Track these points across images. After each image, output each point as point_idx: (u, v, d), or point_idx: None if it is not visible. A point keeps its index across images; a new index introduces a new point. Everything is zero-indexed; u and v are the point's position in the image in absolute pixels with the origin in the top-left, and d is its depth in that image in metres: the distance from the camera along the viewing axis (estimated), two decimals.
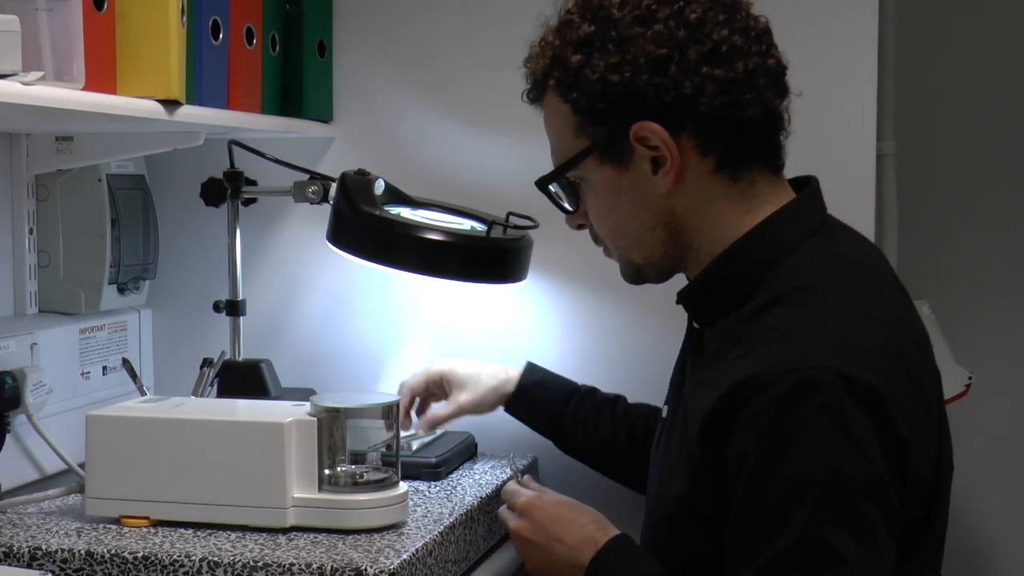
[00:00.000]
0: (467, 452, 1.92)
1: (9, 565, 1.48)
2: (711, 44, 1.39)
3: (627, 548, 1.49)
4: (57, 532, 1.55)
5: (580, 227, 1.56)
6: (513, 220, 1.82)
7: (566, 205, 1.53)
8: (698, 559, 1.41)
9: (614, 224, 1.49)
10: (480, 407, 1.86)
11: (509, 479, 1.71)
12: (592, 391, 1.86)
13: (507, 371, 1.87)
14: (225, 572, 1.43)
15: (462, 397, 1.85)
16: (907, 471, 1.32)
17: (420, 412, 1.90)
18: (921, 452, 1.34)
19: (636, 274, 1.54)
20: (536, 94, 1.52)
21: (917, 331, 1.43)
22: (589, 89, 1.41)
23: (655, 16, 1.40)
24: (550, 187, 1.52)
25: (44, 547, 1.49)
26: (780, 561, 1.28)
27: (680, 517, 1.43)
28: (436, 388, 1.88)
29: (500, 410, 1.88)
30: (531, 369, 1.87)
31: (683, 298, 1.51)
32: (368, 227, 1.79)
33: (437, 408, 1.89)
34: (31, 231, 1.90)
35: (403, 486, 1.59)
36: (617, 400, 1.85)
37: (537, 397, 1.85)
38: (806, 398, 1.28)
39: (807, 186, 1.49)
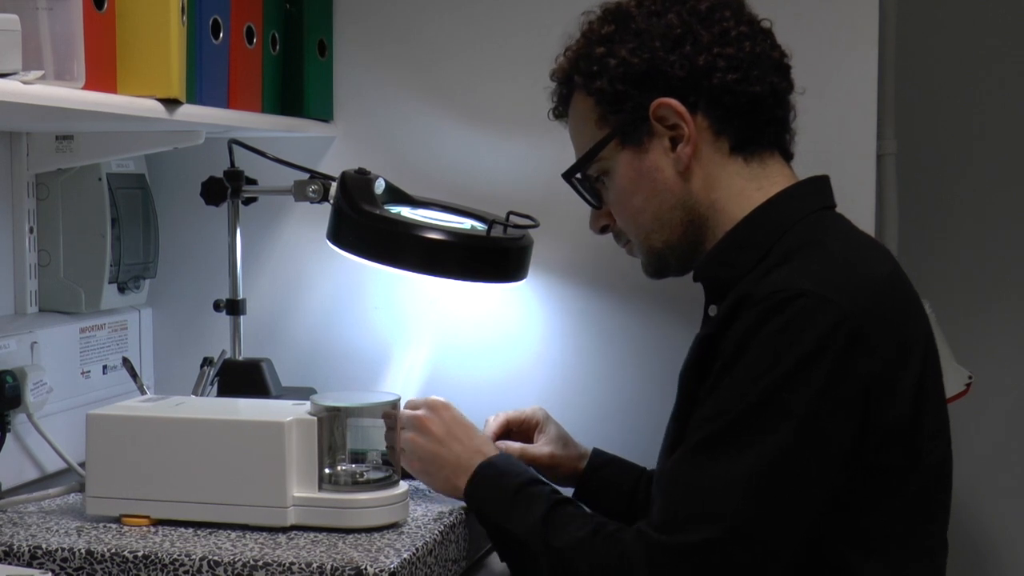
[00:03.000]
0: None
1: (9, 564, 1.48)
2: (720, 29, 1.51)
3: (511, 462, 1.62)
4: (57, 531, 1.55)
5: (603, 230, 1.63)
6: (513, 219, 1.82)
7: (591, 199, 1.61)
8: None
9: (635, 210, 1.56)
10: (559, 467, 1.79)
11: None
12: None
13: (583, 448, 1.82)
14: (225, 571, 1.43)
15: (547, 449, 1.79)
16: (872, 408, 1.38)
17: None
18: (893, 393, 1.39)
19: (658, 263, 1.59)
20: (563, 104, 1.62)
21: (908, 293, 1.50)
22: (611, 73, 1.52)
23: (669, 9, 1.52)
24: (576, 182, 1.60)
25: (44, 546, 1.49)
26: (704, 443, 1.38)
27: None
28: (524, 427, 1.83)
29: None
30: (598, 453, 1.83)
31: (699, 271, 1.57)
32: (368, 226, 1.79)
33: (528, 446, 1.81)
34: (31, 230, 1.90)
35: (403, 485, 1.59)
36: None
37: (609, 476, 1.80)
38: (784, 311, 1.36)
39: (816, 177, 1.58)
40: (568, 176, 1.60)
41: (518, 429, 1.82)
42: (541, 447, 1.79)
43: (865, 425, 1.38)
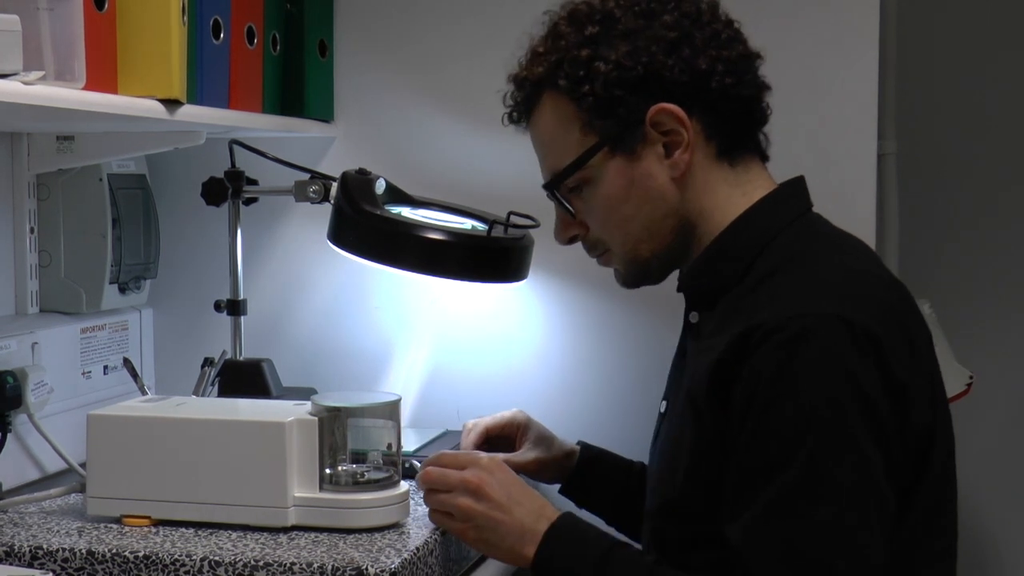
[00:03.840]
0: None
1: (10, 564, 1.48)
2: (711, 31, 1.47)
3: (580, 522, 1.50)
4: (58, 531, 1.55)
5: (572, 240, 1.57)
6: (514, 219, 1.81)
7: (569, 209, 1.54)
8: (700, 535, 1.42)
9: (622, 219, 1.51)
10: (546, 470, 1.77)
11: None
12: (643, 466, 1.76)
13: (569, 445, 1.79)
14: (226, 571, 1.43)
15: (532, 454, 1.76)
16: (906, 414, 1.36)
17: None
18: (915, 399, 1.37)
19: (640, 273, 1.55)
20: (526, 107, 1.54)
21: (906, 294, 1.48)
22: (604, 79, 1.45)
23: (655, 11, 1.47)
24: (554, 192, 1.53)
25: (45, 546, 1.49)
26: (783, 498, 1.32)
27: (684, 495, 1.44)
28: (505, 432, 1.80)
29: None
30: (587, 447, 1.80)
31: (685, 281, 1.54)
32: (369, 226, 1.79)
33: (512, 456, 1.77)
34: (32, 230, 1.90)
35: (404, 485, 1.59)
36: None
37: (600, 473, 1.78)
38: (809, 342, 1.32)
39: (793, 179, 1.55)
40: (551, 187, 1.53)
41: (499, 435, 1.79)
42: (525, 454, 1.75)
43: (902, 433, 1.35)
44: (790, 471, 1.31)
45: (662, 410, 1.59)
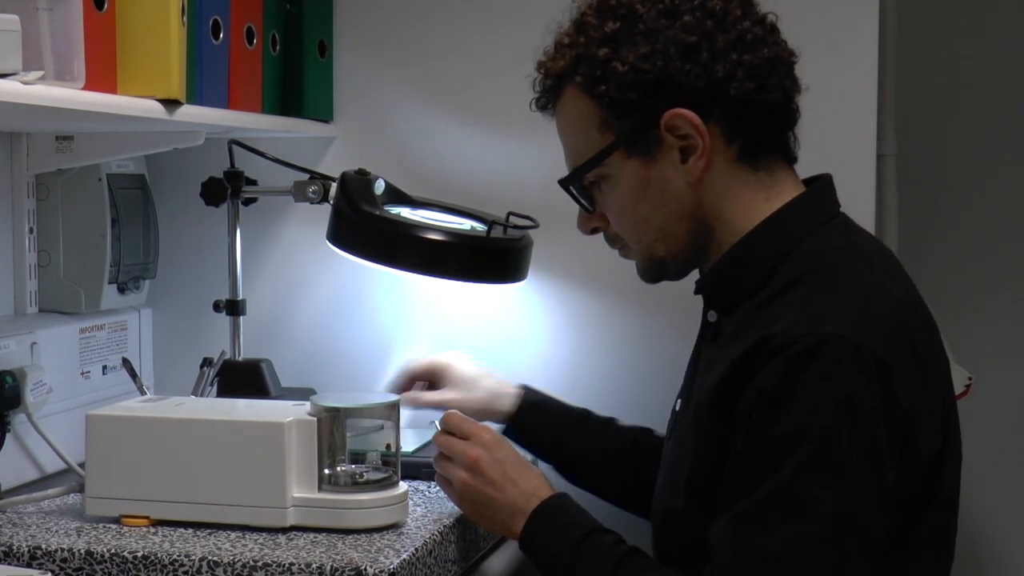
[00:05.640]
0: None
1: (9, 564, 1.48)
2: (736, 33, 1.44)
3: (569, 505, 1.53)
4: (57, 531, 1.55)
5: (594, 231, 1.57)
6: (513, 220, 1.81)
7: (586, 204, 1.54)
8: (701, 544, 1.41)
9: (638, 218, 1.50)
10: (463, 410, 1.80)
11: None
12: (586, 413, 1.83)
13: (502, 387, 1.84)
14: (225, 572, 1.43)
15: (450, 395, 1.83)
16: (908, 444, 1.34)
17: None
18: (922, 427, 1.36)
19: (658, 270, 1.54)
20: (550, 97, 1.53)
21: (924, 313, 1.46)
22: (620, 80, 1.43)
23: (679, 9, 1.44)
24: (571, 187, 1.53)
25: (44, 546, 1.49)
26: (758, 508, 1.32)
27: (687, 502, 1.44)
28: (435, 377, 1.86)
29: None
30: (529, 391, 1.84)
31: (703, 286, 1.53)
32: (368, 227, 1.79)
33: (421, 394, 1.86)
34: (31, 230, 1.90)
35: (403, 486, 1.59)
36: (611, 421, 1.84)
37: (537, 419, 1.82)
38: (815, 361, 1.31)
39: (820, 182, 1.53)
40: (567, 183, 1.53)
41: (432, 379, 1.85)
42: (442, 394, 1.82)
43: (904, 460, 1.34)
44: (769, 485, 1.31)
45: (676, 408, 1.59)
